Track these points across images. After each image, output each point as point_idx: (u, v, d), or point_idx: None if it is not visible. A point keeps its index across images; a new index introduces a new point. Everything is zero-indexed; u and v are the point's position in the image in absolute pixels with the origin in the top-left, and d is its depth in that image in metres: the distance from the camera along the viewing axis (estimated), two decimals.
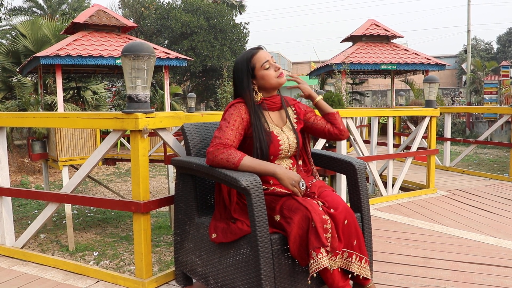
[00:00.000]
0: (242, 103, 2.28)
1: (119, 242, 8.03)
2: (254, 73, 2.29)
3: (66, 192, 2.95)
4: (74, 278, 2.81)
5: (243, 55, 2.32)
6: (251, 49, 2.34)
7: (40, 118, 3.23)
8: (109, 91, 18.68)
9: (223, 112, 2.32)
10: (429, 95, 5.29)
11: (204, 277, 2.35)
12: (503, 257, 3.18)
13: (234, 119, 2.22)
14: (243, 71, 2.29)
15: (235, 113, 2.24)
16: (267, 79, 2.30)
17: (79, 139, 8.47)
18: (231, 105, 2.28)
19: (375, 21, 13.56)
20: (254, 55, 2.30)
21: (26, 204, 10.81)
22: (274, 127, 2.34)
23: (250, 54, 2.31)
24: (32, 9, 19.71)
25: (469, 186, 5.86)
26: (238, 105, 2.27)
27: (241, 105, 2.27)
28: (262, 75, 2.29)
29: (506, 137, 17.27)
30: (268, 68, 2.30)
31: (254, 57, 2.30)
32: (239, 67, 2.30)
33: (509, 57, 32.81)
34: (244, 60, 2.30)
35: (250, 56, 2.30)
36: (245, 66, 2.29)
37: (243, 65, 2.29)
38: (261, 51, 2.32)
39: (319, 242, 1.98)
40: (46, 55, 8.98)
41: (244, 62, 2.29)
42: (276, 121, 2.37)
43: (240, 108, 2.26)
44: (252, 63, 2.29)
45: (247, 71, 2.28)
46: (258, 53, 2.31)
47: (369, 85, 31.43)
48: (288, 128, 2.38)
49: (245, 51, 2.34)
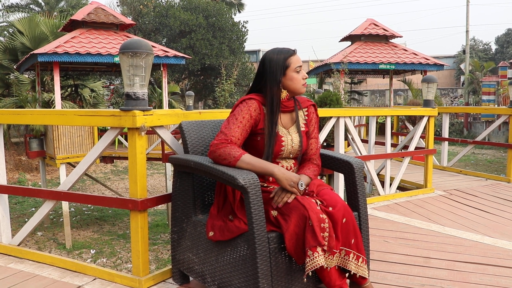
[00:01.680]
0: (254, 100, 2.28)
1: (116, 240, 8.03)
2: (286, 71, 2.29)
3: (63, 190, 2.94)
4: (71, 276, 2.80)
5: (280, 51, 2.31)
6: (287, 49, 2.34)
7: (37, 115, 3.22)
8: (107, 89, 18.65)
9: (233, 106, 2.32)
10: (427, 95, 5.29)
11: (201, 275, 2.35)
12: (500, 257, 3.19)
13: (243, 116, 2.23)
14: (278, 65, 2.28)
15: (245, 110, 2.24)
16: (295, 82, 2.31)
17: (76, 137, 8.45)
18: (242, 100, 2.28)
19: (374, 20, 13.55)
20: (292, 55, 2.31)
21: (23, 201, 10.79)
22: (280, 128, 2.34)
23: (289, 53, 2.31)
24: (29, 6, 19.62)
25: (466, 186, 5.87)
26: (249, 101, 2.27)
27: (252, 102, 2.27)
28: (292, 76, 2.30)
29: (503, 138, 17.32)
30: (299, 72, 2.32)
31: (291, 57, 2.31)
32: (275, 60, 2.29)
33: (507, 58, 32.84)
34: (281, 55, 2.30)
35: (289, 55, 2.31)
36: (281, 61, 2.28)
37: (279, 60, 2.29)
38: (297, 55, 2.34)
39: (315, 240, 1.98)
40: (44, 52, 8.95)
41: (282, 58, 2.29)
42: (284, 122, 2.37)
43: (250, 105, 2.26)
44: (288, 61, 2.29)
45: (282, 67, 2.29)
46: (295, 55, 2.33)
47: (368, 84, 31.43)
48: (295, 129, 2.38)
49: (281, 48, 2.34)
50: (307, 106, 2.49)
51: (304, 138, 2.39)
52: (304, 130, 2.42)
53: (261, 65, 2.34)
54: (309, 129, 2.46)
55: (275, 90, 2.28)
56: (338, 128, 4.51)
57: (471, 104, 22.61)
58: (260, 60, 2.36)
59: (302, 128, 2.41)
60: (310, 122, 2.47)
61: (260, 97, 2.32)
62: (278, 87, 2.29)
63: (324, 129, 4.45)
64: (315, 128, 2.50)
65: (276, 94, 2.28)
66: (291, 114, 2.41)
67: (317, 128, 2.52)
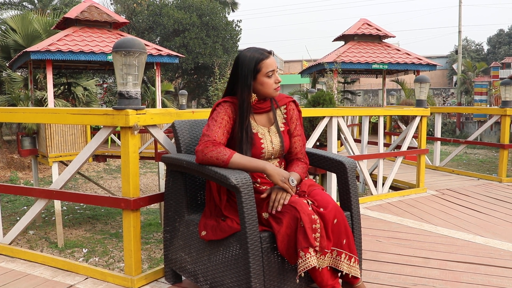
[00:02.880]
0: (229, 102, 2.28)
1: (108, 239, 8.00)
2: (257, 76, 2.25)
3: (55, 188, 2.93)
4: (62, 275, 2.79)
5: (252, 54, 2.26)
6: (261, 51, 2.28)
7: (30, 114, 3.20)
8: (100, 87, 18.57)
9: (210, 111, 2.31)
10: (420, 95, 5.32)
11: (193, 274, 2.35)
12: (491, 256, 3.21)
13: (222, 117, 2.23)
14: (249, 70, 2.23)
15: (222, 112, 2.24)
16: (266, 88, 2.27)
17: (69, 135, 8.41)
18: (218, 103, 2.28)
19: (367, 20, 13.58)
20: (264, 59, 2.25)
21: (15, 200, 10.73)
22: (259, 128, 2.32)
23: (261, 57, 2.25)
24: (22, 4, 19.51)
25: (458, 186, 5.90)
26: (225, 104, 2.27)
27: (228, 105, 2.27)
28: (263, 81, 2.26)
29: (495, 138, 17.44)
30: (271, 76, 2.27)
31: (263, 62, 2.25)
32: (246, 64, 2.24)
33: (499, 58, 33.08)
34: (252, 59, 2.24)
35: (260, 59, 2.25)
36: (252, 66, 2.23)
37: (250, 64, 2.23)
38: (271, 58, 2.27)
39: (307, 242, 1.98)
40: (37, 50, 8.90)
41: (253, 62, 2.24)
42: (262, 123, 2.35)
43: (227, 108, 2.26)
44: (259, 65, 2.24)
45: (253, 71, 2.24)
46: (268, 59, 2.26)
47: (361, 84, 31.53)
48: (274, 130, 2.36)
49: (255, 50, 2.28)
50: (286, 103, 2.45)
51: (285, 137, 2.38)
52: (285, 129, 2.40)
53: (235, 67, 2.30)
54: (290, 127, 2.43)
55: (245, 94, 2.24)
56: (331, 127, 4.52)
57: (463, 104, 22.73)
58: (234, 61, 2.32)
59: (281, 128, 2.38)
60: (290, 119, 2.44)
61: (235, 99, 2.29)
62: (249, 92, 2.25)
63: (317, 129, 4.46)
64: (298, 125, 2.46)
65: (246, 99, 2.25)
66: (268, 114, 2.39)
67: (301, 125, 2.49)
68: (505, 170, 6.35)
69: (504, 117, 6.26)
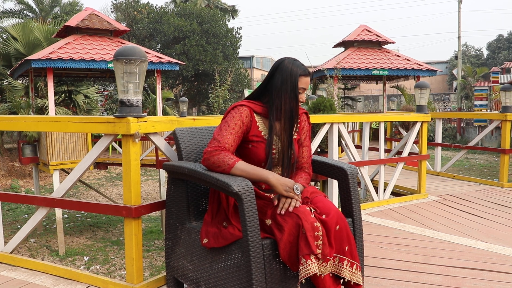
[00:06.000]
0: (246, 107, 2.28)
1: (110, 246, 7.98)
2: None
3: (56, 197, 2.93)
4: (64, 283, 2.79)
5: (298, 65, 2.29)
6: (304, 68, 2.30)
7: (31, 122, 3.21)
8: (101, 95, 18.61)
9: (224, 113, 2.31)
10: (420, 100, 5.32)
11: (195, 282, 2.35)
12: (493, 262, 3.20)
13: (235, 122, 2.22)
14: (294, 80, 2.26)
15: (237, 116, 2.24)
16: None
17: (70, 143, 8.42)
18: (234, 107, 2.28)
19: (367, 26, 13.62)
20: (305, 76, 2.29)
21: (16, 208, 10.72)
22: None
23: (304, 72, 2.28)
24: (23, 12, 19.56)
25: (459, 191, 5.90)
26: (241, 108, 2.27)
27: (244, 109, 2.27)
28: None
29: (496, 143, 17.43)
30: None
31: (302, 78, 2.28)
32: (293, 75, 2.26)
33: (499, 63, 33.15)
34: (297, 72, 2.26)
35: (304, 73, 2.28)
36: (295, 78, 2.26)
37: (296, 75, 2.26)
38: (308, 78, 2.31)
39: (308, 249, 1.98)
40: (38, 58, 8.92)
41: (297, 74, 2.26)
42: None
43: (242, 112, 2.26)
44: (300, 79, 2.27)
45: (296, 82, 2.27)
46: (307, 78, 2.30)
47: (361, 90, 31.58)
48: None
49: (299, 64, 2.30)
50: (300, 114, 2.47)
51: (295, 146, 2.39)
52: (296, 138, 2.42)
53: (275, 71, 2.31)
54: (301, 137, 2.46)
55: (294, 103, 2.26)
56: (332, 134, 4.52)
57: (463, 109, 22.74)
58: (274, 66, 2.33)
59: (293, 136, 2.40)
60: (302, 130, 2.47)
61: (253, 104, 2.31)
62: (297, 100, 2.27)
63: (318, 135, 4.46)
64: (307, 137, 2.50)
65: (295, 107, 2.27)
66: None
67: (309, 137, 2.52)
68: (506, 175, 6.35)
69: (505, 122, 6.26)
